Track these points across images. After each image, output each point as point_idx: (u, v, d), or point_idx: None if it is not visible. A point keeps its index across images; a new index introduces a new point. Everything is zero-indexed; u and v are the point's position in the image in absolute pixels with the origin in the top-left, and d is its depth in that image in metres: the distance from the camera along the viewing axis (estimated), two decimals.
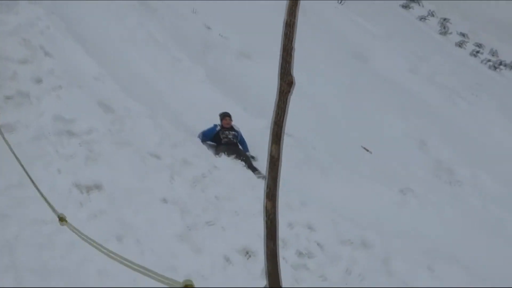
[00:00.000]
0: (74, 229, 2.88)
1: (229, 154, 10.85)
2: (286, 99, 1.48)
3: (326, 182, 10.85)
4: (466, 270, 7.60)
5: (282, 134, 1.52)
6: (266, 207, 1.90)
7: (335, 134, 13.85)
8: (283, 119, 1.50)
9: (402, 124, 16.01)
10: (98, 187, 7.56)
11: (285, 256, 7.58)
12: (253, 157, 11.98)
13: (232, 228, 7.66)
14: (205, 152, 9.52)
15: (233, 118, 12.02)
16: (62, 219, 3.53)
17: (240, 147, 12.29)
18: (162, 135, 9.15)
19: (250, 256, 7.09)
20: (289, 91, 1.45)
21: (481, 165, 14.25)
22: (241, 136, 12.59)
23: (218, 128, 12.40)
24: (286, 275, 7.24)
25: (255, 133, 11.69)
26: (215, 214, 7.78)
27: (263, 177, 9.92)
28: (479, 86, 22.64)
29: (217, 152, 11.30)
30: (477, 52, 26.78)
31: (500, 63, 26.16)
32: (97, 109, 9.26)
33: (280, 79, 1.70)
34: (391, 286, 7.22)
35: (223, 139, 12.22)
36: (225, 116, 12.61)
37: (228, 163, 9.47)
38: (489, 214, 11.08)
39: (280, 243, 6.54)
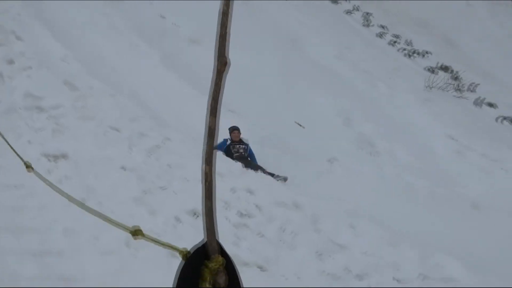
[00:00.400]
0: (40, 176, 2.83)
1: None
2: (222, 77, 1.47)
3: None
4: (382, 227, 7.74)
5: (218, 107, 1.51)
6: (204, 171, 1.89)
7: (272, 111, 13.88)
8: (219, 94, 1.49)
9: (330, 103, 16.12)
10: (64, 156, 7.50)
11: (228, 216, 7.64)
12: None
13: (182, 192, 7.66)
14: (159, 125, 9.44)
15: (185, 96, 11.74)
16: (28, 166, 3.45)
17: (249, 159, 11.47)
18: (121, 111, 9.08)
19: (197, 216, 7.10)
20: (224, 70, 1.44)
21: (396, 139, 14.44)
22: (250, 150, 11.82)
23: (229, 142, 11.72)
24: (228, 233, 7.33)
25: (200, 108, 11.63)
26: (167, 180, 7.77)
27: (283, 179, 10.14)
28: (396, 71, 22.92)
29: None
30: (395, 42, 27.06)
31: (414, 52, 26.51)
32: (63, 87, 9.22)
33: (217, 60, 1.71)
34: (319, 241, 7.31)
35: (235, 153, 11.45)
36: (234, 130, 11.82)
37: (179, 135, 9.41)
38: (402, 181, 11.30)
39: (223, 204, 6.61)
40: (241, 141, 11.83)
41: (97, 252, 6.22)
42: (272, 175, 10.26)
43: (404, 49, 26.82)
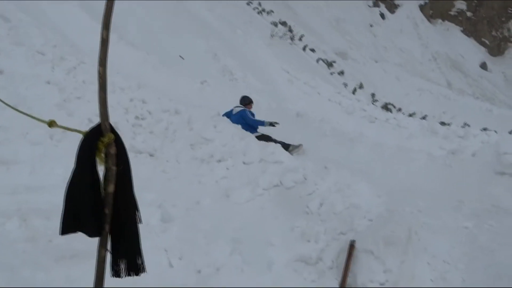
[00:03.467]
0: None
1: None
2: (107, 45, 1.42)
3: (156, 75, 10.61)
4: (236, 126, 7.84)
5: (105, 59, 1.46)
6: (99, 72, 1.85)
7: (162, 49, 13.49)
8: (106, 56, 1.46)
9: (203, 44, 15.91)
10: (0, 72, 6.93)
11: (128, 119, 7.44)
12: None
13: (94, 101, 7.31)
14: (75, 51, 8.84)
15: (95, 30, 10.66)
16: None
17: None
18: (45, 39, 8.38)
19: None
20: (107, 40, 1.40)
21: (249, 70, 14.58)
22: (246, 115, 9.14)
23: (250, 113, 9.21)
24: (128, 130, 7.16)
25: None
26: (82, 92, 7.37)
27: (298, 148, 8.52)
28: (250, 23, 22.89)
29: None
30: (250, 3, 26.92)
31: (263, 10, 26.51)
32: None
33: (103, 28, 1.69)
34: (192, 136, 7.33)
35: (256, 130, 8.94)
36: (250, 102, 9.43)
37: (91, 60, 8.89)
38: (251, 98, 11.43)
39: (124, 111, 6.33)
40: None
41: (27, 143, 5.92)
42: (286, 146, 8.38)
43: (257, 8, 26.73)
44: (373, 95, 15.96)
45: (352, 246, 4.96)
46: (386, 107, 15.29)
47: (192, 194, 6.21)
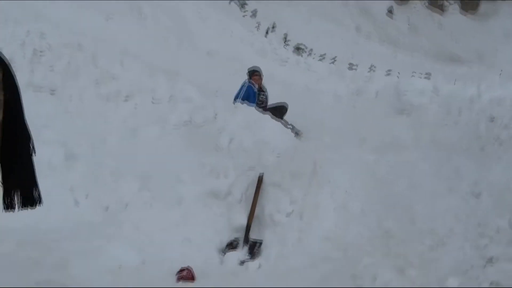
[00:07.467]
0: None
1: None
2: None
3: (55, 6, 9.70)
4: (144, 63, 7.55)
5: None
6: None
7: None
8: None
9: None
10: None
11: (25, 54, 6.94)
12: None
13: None
14: None
15: None
16: None
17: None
18: None
19: None
20: None
21: (159, 6, 13.94)
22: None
23: (256, 88, 7.40)
24: (25, 65, 6.67)
25: None
26: None
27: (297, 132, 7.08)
28: None
29: None
30: None
31: None
32: None
33: None
34: (97, 73, 6.97)
35: (259, 104, 7.30)
36: (254, 72, 7.57)
37: None
38: (162, 34, 10.92)
39: (19, 44, 5.81)
40: (261, 88, 7.59)
41: None
42: (291, 127, 7.00)
43: None
44: (285, 36, 16.03)
45: (260, 179, 5.11)
46: (297, 49, 15.46)
47: (98, 132, 6.01)
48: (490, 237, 3.98)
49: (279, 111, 7.28)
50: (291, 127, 6.97)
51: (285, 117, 7.36)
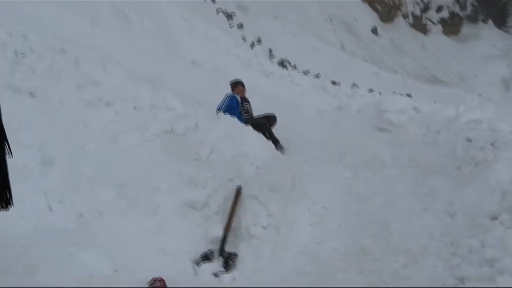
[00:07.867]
0: None
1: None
2: None
3: (39, 8, 9.64)
4: (126, 70, 7.52)
5: None
6: None
7: None
8: None
9: None
10: None
11: (6, 55, 6.85)
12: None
13: None
14: None
15: None
16: None
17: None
18: None
19: None
20: None
21: (147, 14, 13.92)
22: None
23: (239, 99, 7.49)
24: (6, 67, 6.57)
25: None
26: None
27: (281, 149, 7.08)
28: None
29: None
30: None
31: None
32: None
33: None
34: (79, 78, 6.89)
35: (244, 114, 7.41)
36: (236, 84, 7.73)
37: None
38: (145, 44, 10.88)
39: (1, 47, 5.72)
40: (245, 98, 7.73)
41: None
42: (275, 143, 7.07)
43: None
44: (270, 50, 16.14)
45: (238, 191, 5.08)
46: (282, 63, 15.58)
47: (77, 137, 5.92)
48: (463, 257, 4.02)
49: (269, 120, 7.47)
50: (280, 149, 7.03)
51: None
